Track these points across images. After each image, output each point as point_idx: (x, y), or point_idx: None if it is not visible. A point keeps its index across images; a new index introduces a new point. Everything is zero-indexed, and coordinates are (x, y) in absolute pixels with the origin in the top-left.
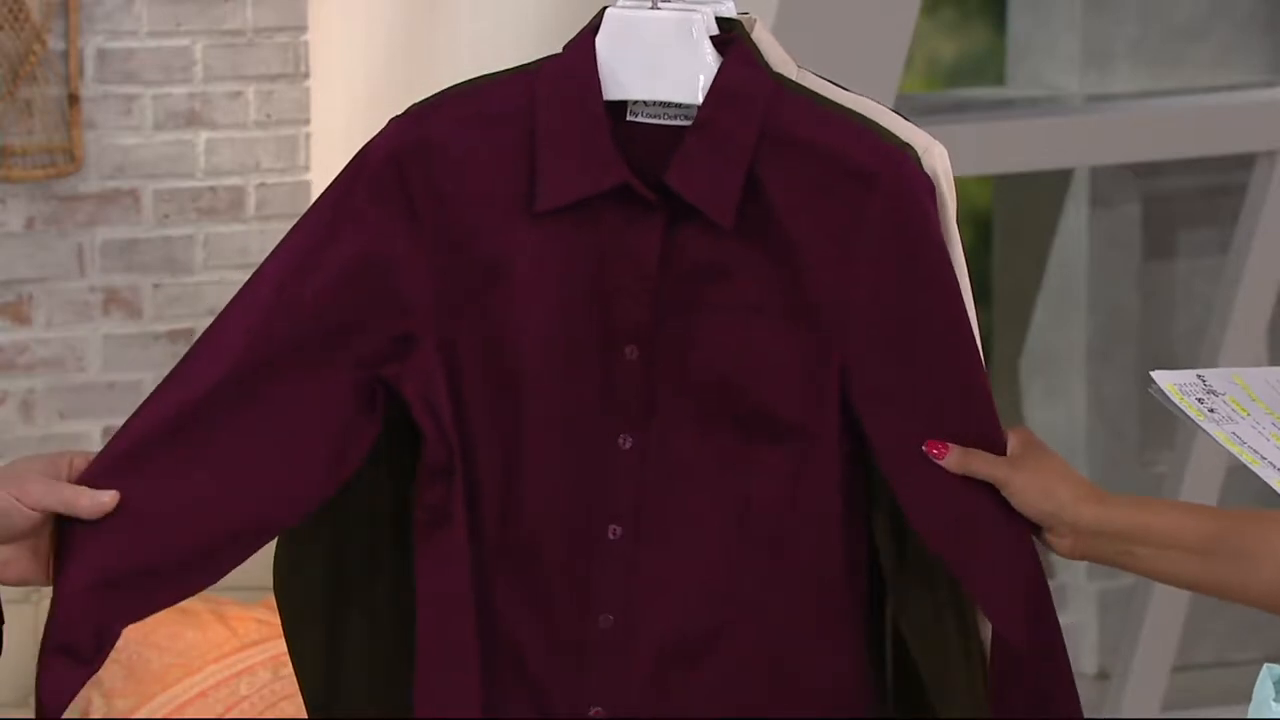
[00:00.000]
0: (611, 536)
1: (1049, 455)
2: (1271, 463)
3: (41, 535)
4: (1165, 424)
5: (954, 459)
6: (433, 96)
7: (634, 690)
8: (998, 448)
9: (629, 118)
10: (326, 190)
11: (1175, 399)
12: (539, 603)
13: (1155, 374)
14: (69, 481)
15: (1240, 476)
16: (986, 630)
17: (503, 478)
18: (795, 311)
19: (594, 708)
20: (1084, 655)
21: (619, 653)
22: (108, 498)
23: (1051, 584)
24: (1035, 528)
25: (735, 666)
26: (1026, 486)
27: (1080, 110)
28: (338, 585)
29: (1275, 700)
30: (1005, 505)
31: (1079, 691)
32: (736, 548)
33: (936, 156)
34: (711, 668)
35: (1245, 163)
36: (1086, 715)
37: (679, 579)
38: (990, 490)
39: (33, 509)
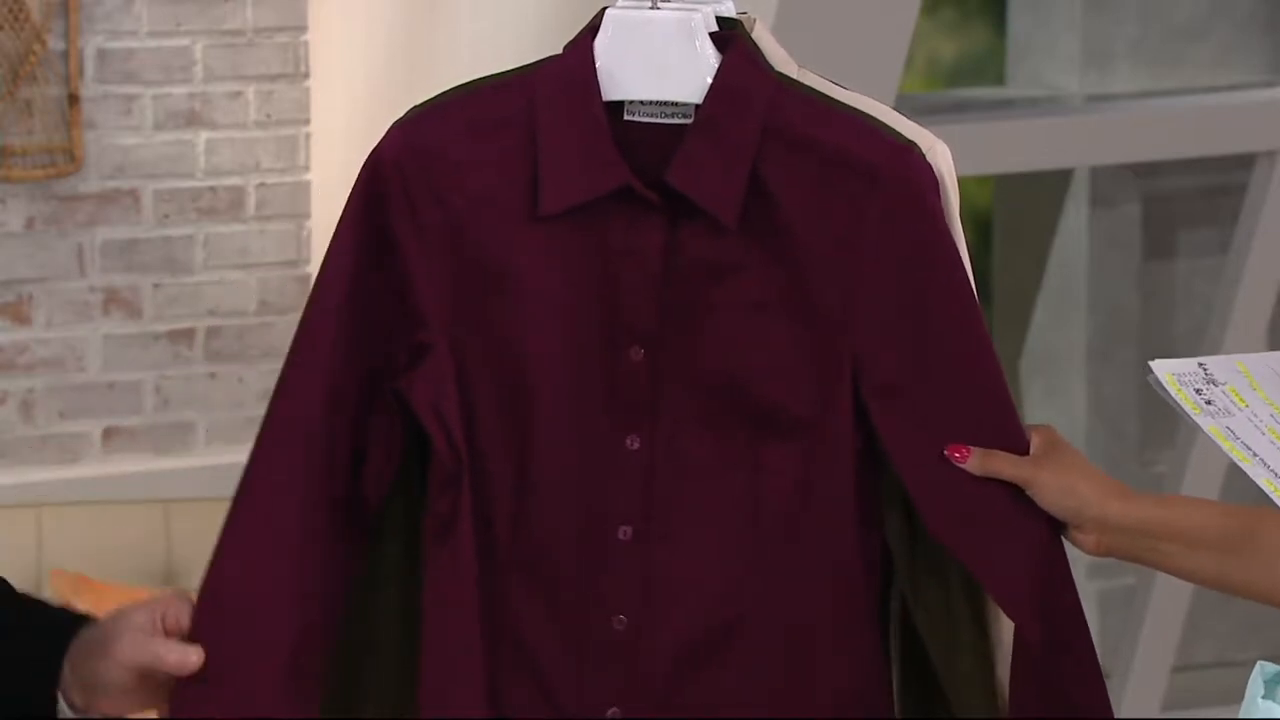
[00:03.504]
0: (622, 537)
1: (1072, 453)
2: (1263, 460)
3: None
4: (1165, 424)
5: (975, 462)
6: (432, 100)
7: (650, 690)
8: (1015, 438)
9: (626, 117)
10: (344, 205)
11: (1172, 390)
12: (553, 606)
13: (1154, 363)
14: (165, 628)
15: (1240, 475)
16: (1010, 627)
17: (513, 483)
18: (801, 308)
19: (610, 709)
20: None
21: (634, 653)
22: (194, 655)
23: None
24: (1060, 525)
25: (750, 664)
26: (1051, 484)
27: (1080, 110)
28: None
29: (1264, 699)
30: (1020, 499)
31: None
32: (748, 546)
33: (940, 155)
34: (727, 666)
35: (1245, 163)
36: None
37: (691, 578)
38: (1004, 484)
39: (126, 666)
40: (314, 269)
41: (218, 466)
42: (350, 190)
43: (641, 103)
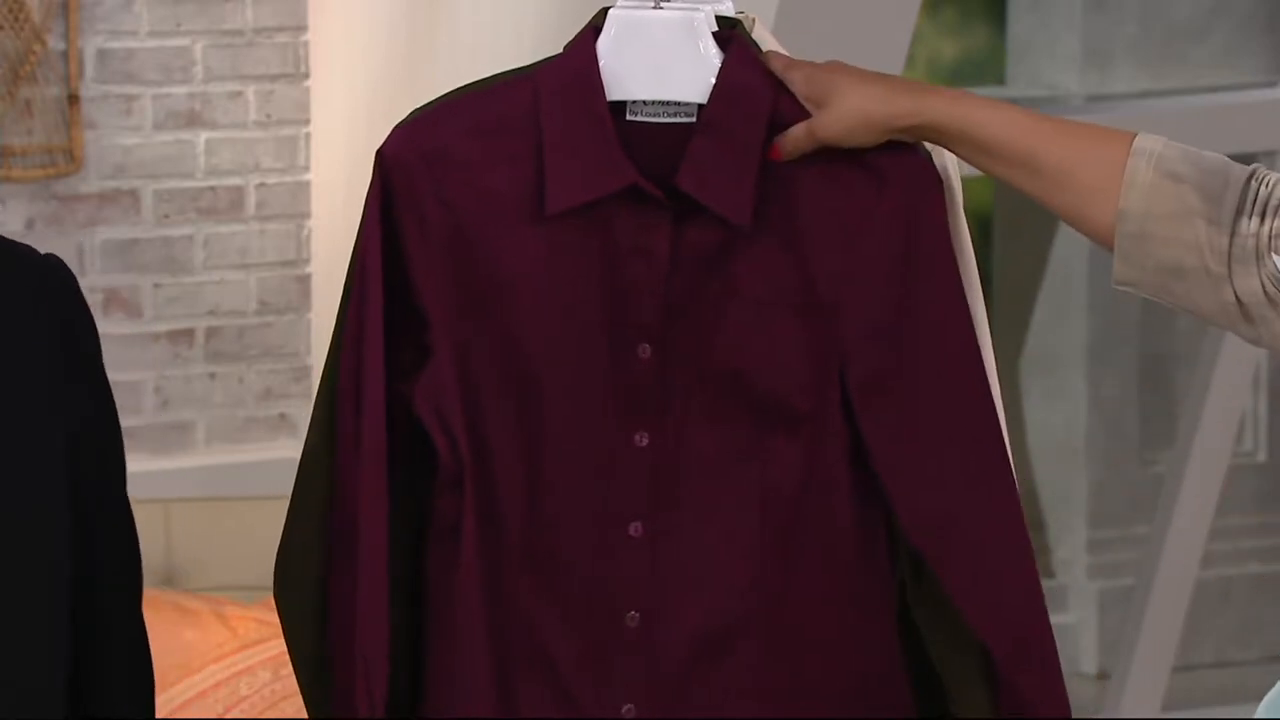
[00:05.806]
0: (632, 534)
1: (848, 87)
2: None
3: None
4: (1165, 424)
5: (791, 144)
6: (435, 101)
7: (664, 686)
8: (994, 444)
9: (628, 116)
10: (364, 209)
11: None
12: (566, 605)
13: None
14: None
15: (1240, 476)
16: None
17: (523, 482)
18: (805, 304)
19: (625, 706)
20: (1084, 655)
21: (647, 650)
22: None
23: (1050, 584)
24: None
25: (763, 656)
26: (831, 126)
27: (1080, 110)
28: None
29: None
30: (997, 509)
31: (1077, 692)
32: (757, 539)
33: (945, 154)
34: (740, 659)
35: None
36: (1087, 715)
37: (702, 573)
38: (982, 492)
39: None
40: (314, 269)
41: (217, 466)
42: (366, 194)
43: (644, 102)
